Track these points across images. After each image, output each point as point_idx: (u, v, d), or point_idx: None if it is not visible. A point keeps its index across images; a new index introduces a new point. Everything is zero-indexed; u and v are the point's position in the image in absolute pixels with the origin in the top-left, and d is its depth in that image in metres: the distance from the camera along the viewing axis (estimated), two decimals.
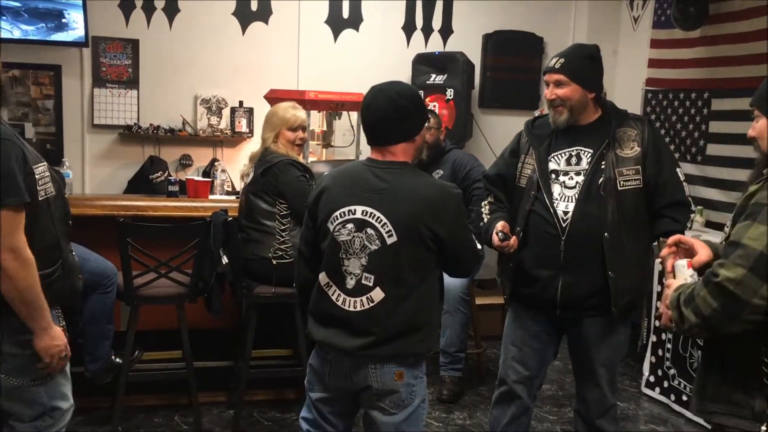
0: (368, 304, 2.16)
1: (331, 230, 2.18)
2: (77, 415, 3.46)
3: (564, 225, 2.50)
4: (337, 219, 2.17)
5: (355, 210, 2.16)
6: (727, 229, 1.85)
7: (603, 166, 2.50)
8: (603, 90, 2.63)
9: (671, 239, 1.95)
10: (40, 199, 2.10)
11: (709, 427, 1.90)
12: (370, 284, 2.15)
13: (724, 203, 4.39)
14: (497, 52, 5.51)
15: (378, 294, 2.15)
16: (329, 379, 2.25)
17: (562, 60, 2.54)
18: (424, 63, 5.29)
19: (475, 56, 5.45)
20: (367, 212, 2.14)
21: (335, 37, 5.31)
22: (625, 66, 5.40)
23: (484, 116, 5.58)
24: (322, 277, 2.23)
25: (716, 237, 3.77)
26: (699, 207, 4.35)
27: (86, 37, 4.68)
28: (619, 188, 2.49)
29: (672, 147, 4.85)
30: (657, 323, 4.00)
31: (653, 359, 4.05)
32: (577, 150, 2.57)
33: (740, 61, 4.31)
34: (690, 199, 2.58)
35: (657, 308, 3.96)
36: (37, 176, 2.09)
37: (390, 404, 2.21)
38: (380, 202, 2.14)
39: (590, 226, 2.48)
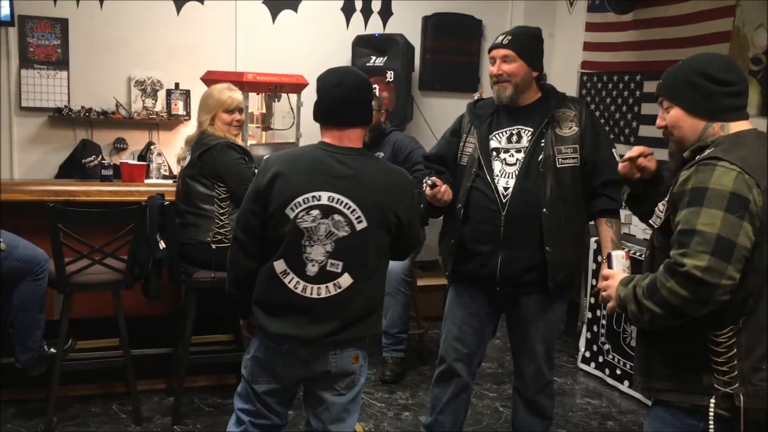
0: (335, 290, 2.16)
1: (292, 217, 2.13)
2: (9, 408, 3.38)
3: (504, 201, 2.55)
4: (300, 205, 2.12)
5: (320, 196, 2.12)
6: (660, 213, 1.88)
7: (543, 144, 2.56)
8: (543, 72, 2.67)
9: (636, 150, 2.03)
10: None
11: (647, 401, 1.96)
12: (338, 270, 2.15)
13: None
14: (437, 35, 5.53)
15: (346, 280, 2.16)
16: (282, 370, 2.22)
17: (509, 37, 2.60)
18: (363, 45, 5.27)
19: (415, 38, 5.46)
20: (334, 198, 2.13)
21: (273, 18, 5.24)
22: (561, 49, 5.49)
23: (424, 98, 5.60)
24: (279, 265, 2.16)
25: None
26: None
27: (11, 16, 4.48)
28: (558, 165, 2.55)
29: (606, 128, 4.97)
30: (592, 300, 4.12)
31: (589, 335, 4.17)
32: (517, 129, 2.62)
33: (670, 44, 4.44)
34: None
35: (593, 286, 4.07)
36: None
37: (343, 386, 2.25)
38: (348, 188, 2.14)
39: (529, 201, 2.53)
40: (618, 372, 3.93)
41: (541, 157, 2.55)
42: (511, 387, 3.44)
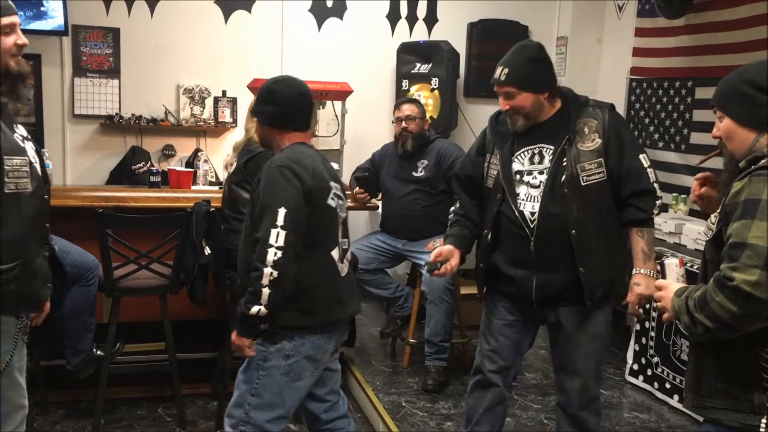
0: (347, 265, 2.48)
1: (334, 206, 2.38)
2: (58, 409, 3.46)
3: (532, 226, 2.49)
4: (334, 197, 2.39)
5: (332, 186, 2.40)
6: (712, 225, 1.83)
7: (565, 163, 2.47)
8: (556, 84, 2.55)
9: (701, 175, 2.04)
10: (6, 191, 2.01)
11: (698, 417, 1.90)
12: (346, 246, 2.48)
13: None
14: (482, 41, 5.49)
15: (350, 253, 2.53)
16: (326, 355, 2.41)
17: (506, 70, 2.48)
18: (408, 52, 5.26)
19: (460, 45, 5.44)
20: (335, 186, 2.42)
21: (319, 26, 5.28)
22: (609, 55, 5.39)
23: (469, 105, 5.56)
24: (335, 253, 2.37)
25: (700, 225, 3.78)
26: (683, 195, 4.36)
27: (66, 26, 4.62)
28: (583, 184, 2.46)
29: (656, 136, 4.87)
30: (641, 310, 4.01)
31: (637, 347, 4.07)
32: (539, 147, 2.53)
33: (723, 49, 4.31)
34: (655, 185, 2.53)
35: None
36: (7, 167, 2.02)
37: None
38: (334, 176, 2.46)
39: (557, 225, 2.46)
40: (667, 386, 3.83)
41: (563, 177, 2.46)
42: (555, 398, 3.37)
